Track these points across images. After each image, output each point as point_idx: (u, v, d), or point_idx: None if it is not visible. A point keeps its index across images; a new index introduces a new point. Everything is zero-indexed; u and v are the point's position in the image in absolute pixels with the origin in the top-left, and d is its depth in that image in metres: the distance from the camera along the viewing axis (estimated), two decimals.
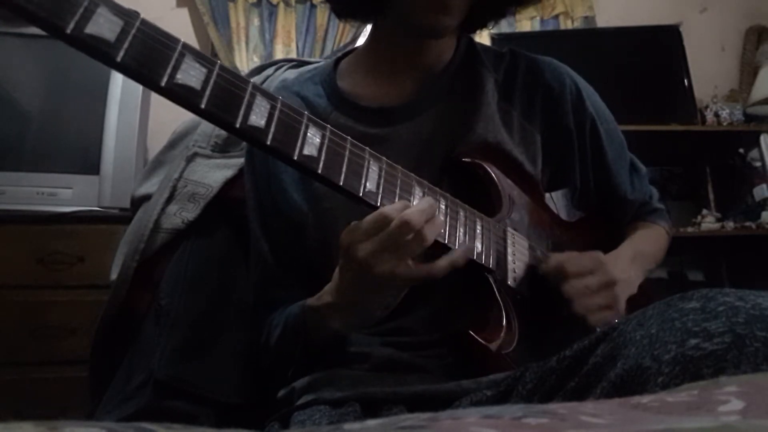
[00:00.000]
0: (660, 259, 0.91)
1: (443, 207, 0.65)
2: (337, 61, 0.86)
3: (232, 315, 0.87)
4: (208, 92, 0.50)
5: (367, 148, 0.61)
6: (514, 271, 0.72)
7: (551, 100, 0.81)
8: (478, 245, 0.68)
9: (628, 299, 0.75)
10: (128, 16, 0.46)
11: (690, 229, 2.24)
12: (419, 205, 0.60)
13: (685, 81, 2.27)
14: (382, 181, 0.61)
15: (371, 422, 0.25)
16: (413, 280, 0.61)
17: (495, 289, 0.69)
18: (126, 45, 0.46)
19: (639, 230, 0.90)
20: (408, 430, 0.24)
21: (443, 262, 0.61)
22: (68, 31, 0.43)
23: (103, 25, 0.45)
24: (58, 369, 1.53)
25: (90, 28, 0.44)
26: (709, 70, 2.57)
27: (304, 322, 0.70)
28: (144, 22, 0.47)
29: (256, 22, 2.51)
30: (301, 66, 1.07)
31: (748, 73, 2.67)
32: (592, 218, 0.89)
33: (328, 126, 0.58)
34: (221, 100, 0.51)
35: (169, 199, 0.92)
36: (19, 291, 1.58)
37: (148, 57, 0.47)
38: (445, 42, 0.80)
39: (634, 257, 0.81)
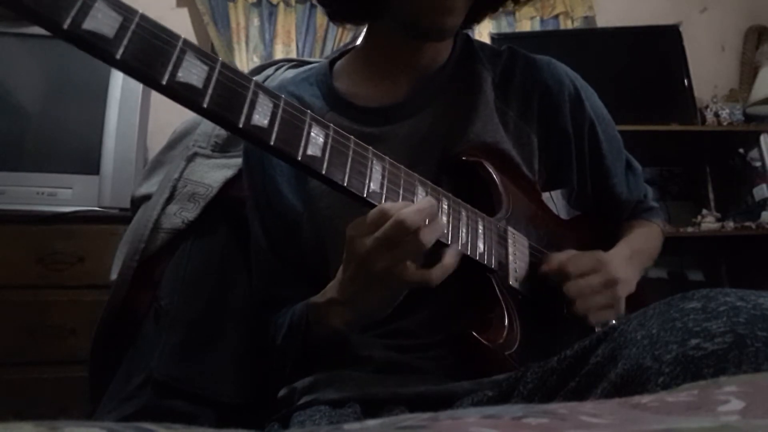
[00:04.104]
0: (656, 256, 0.91)
1: (445, 207, 0.65)
2: (332, 62, 0.85)
3: (232, 315, 0.87)
4: (210, 90, 0.48)
5: (370, 147, 0.60)
6: (516, 271, 0.72)
7: (549, 101, 0.80)
8: (480, 245, 0.68)
9: (626, 298, 0.75)
10: (127, 11, 0.45)
11: (690, 229, 2.23)
12: (418, 205, 0.57)
13: (685, 81, 2.28)
14: (385, 181, 0.59)
15: (371, 422, 0.25)
16: (410, 283, 0.60)
17: (497, 290, 0.69)
18: (125, 41, 0.44)
19: (635, 228, 0.90)
20: (408, 430, 0.23)
21: (437, 271, 0.60)
22: (65, 26, 0.42)
23: (102, 21, 0.43)
24: (58, 369, 1.53)
25: (88, 24, 0.43)
26: (709, 70, 2.58)
27: (306, 319, 0.70)
28: (143, 17, 0.46)
29: (256, 22, 2.51)
30: (301, 66, 1.07)
31: (748, 73, 2.67)
32: (589, 217, 0.90)
33: (331, 125, 0.57)
34: (224, 98, 0.49)
35: (169, 199, 0.92)
36: (19, 291, 1.58)
37: (149, 54, 0.45)
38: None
39: (632, 256, 0.81)
